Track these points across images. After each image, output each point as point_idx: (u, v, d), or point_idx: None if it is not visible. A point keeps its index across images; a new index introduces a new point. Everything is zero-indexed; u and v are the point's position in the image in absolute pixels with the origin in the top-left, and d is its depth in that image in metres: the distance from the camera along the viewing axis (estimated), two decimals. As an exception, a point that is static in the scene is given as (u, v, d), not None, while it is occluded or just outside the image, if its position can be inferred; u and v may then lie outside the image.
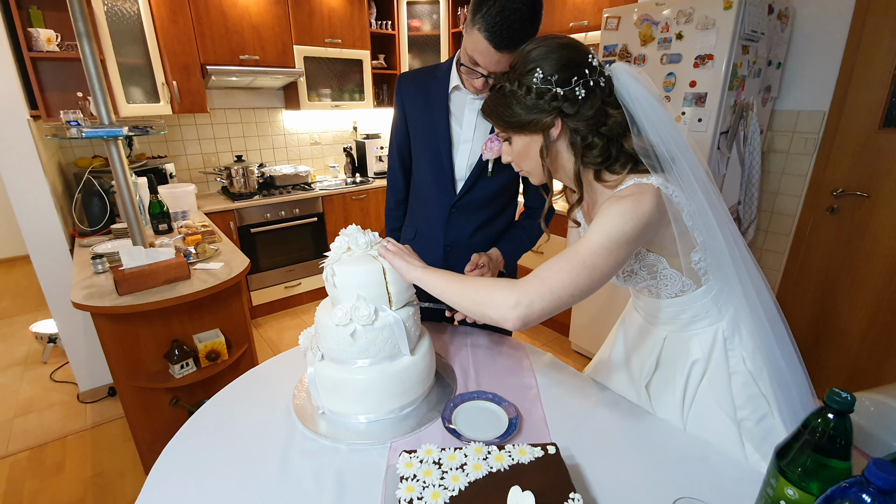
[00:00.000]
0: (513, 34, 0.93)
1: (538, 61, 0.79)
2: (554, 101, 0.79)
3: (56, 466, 2.04)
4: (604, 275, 0.76)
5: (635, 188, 0.79)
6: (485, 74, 1.04)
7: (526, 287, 0.76)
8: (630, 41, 2.17)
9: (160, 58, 2.72)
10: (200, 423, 1.01)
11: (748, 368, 0.91)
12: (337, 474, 0.85)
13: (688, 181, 0.79)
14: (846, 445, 0.58)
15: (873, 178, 2.08)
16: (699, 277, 0.89)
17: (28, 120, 2.13)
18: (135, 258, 1.66)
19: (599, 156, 0.82)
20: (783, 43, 2.16)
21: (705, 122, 1.99)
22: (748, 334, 0.91)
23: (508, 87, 0.82)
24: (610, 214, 0.76)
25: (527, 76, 0.80)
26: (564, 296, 0.75)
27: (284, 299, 3.47)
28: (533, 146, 0.85)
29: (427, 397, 1.06)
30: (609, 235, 0.75)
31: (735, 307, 0.91)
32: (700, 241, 0.84)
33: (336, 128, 3.96)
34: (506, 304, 0.76)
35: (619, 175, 0.82)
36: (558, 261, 0.77)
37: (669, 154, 0.79)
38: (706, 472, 0.84)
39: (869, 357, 2.20)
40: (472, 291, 0.82)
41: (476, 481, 0.72)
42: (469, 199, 1.29)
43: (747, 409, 0.91)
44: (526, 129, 0.83)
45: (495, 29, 0.93)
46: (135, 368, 1.75)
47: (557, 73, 0.78)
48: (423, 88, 1.26)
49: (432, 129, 1.26)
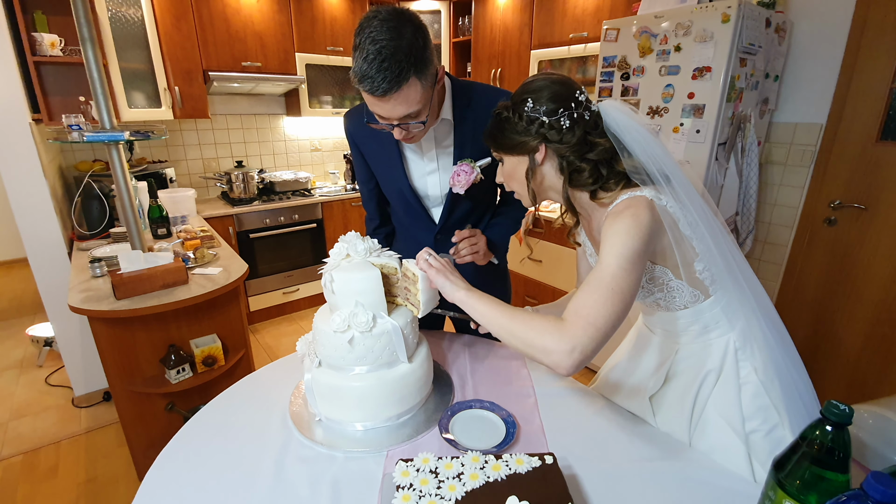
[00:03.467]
0: (385, 77, 0.88)
1: (532, 93, 0.88)
2: (540, 128, 0.87)
3: (49, 471, 2.02)
4: (631, 294, 0.78)
5: (628, 202, 0.83)
6: (395, 124, 0.99)
7: (574, 331, 0.76)
8: (629, 53, 2.19)
9: (163, 63, 2.74)
10: (196, 428, 1.00)
11: (759, 379, 0.92)
12: (333, 482, 0.84)
13: (684, 191, 0.85)
14: (844, 458, 0.58)
15: (871, 191, 2.09)
16: (706, 288, 0.92)
17: (30, 123, 2.13)
18: (133, 262, 1.66)
19: (590, 177, 0.89)
20: (780, 56, 2.19)
21: (703, 133, 2.00)
22: (758, 345, 0.92)
23: (505, 114, 0.91)
24: (615, 235, 0.80)
25: (520, 105, 0.88)
26: (608, 328, 0.76)
27: (282, 305, 3.46)
28: (520, 168, 0.93)
29: (424, 405, 1.06)
30: (623, 256, 0.78)
31: (745, 317, 0.92)
32: (700, 251, 0.87)
33: (336, 134, 3.98)
34: (560, 351, 0.76)
35: (612, 192, 0.88)
36: (589, 294, 0.78)
37: (660, 172, 0.85)
38: (706, 484, 0.83)
39: (867, 369, 2.20)
40: (520, 330, 0.81)
41: (473, 491, 0.72)
42: (450, 224, 1.27)
43: (757, 419, 0.92)
44: (514, 151, 0.91)
45: (365, 80, 0.89)
46: (130, 373, 1.74)
47: (545, 105, 0.86)
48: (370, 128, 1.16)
49: (389, 170, 1.22)
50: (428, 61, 0.94)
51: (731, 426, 0.93)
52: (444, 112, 1.12)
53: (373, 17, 0.90)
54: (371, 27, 0.89)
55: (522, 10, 3.04)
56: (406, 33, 0.89)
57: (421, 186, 1.24)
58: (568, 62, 2.84)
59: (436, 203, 1.27)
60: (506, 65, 3.27)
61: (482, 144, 1.14)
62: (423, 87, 0.95)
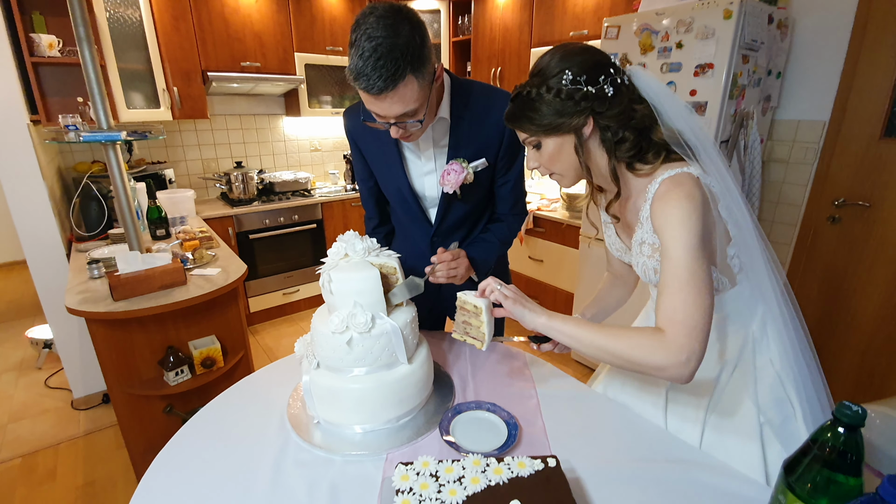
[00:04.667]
0: (381, 75, 0.86)
1: (565, 64, 0.80)
2: (584, 100, 0.80)
3: (48, 474, 2.00)
4: (711, 279, 0.75)
5: (674, 181, 0.79)
6: (392, 123, 0.97)
7: (680, 340, 0.73)
8: (630, 50, 2.17)
9: (161, 64, 2.73)
10: (193, 431, 0.99)
11: (776, 370, 0.91)
12: (331, 486, 0.82)
13: (717, 167, 0.81)
14: (857, 461, 0.56)
15: (875, 188, 2.07)
16: (734, 276, 0.90)
17: (28, 124, 2.12)
18: (131, 263, 1.64)
19: (631, 149, 0.84)
20: (783, 52, 2.17)
21: (705, 130, 1.98)
22: (775, 336, 0.91)
23: (536, 92, 0.82)
24: (674, 223, 0.76)
25: (554, 79, 0.81)
26: (707, 324, 0.74)
27: (282, 306, 3.45)
28: (566, 147, 0.85)
29: (424, 407, 1.04)
30: (691, 245, 0.74)
31: (764, 308, 0.91)
32: (734, 235, 0.85)
33: (336, 134, 3.96)
34: (675, 365, 0.73)
35: (652, 164, 0.83)
36: (676, 296, 0.74)
37: (696, 143, 0.81)
38: (714, 488, 0.81)
39: (873, 368, 2.18)
40: (623, 350, 0.77)
41: (474, 495, 0.70)
42: (446, 226, 1.26)
43: (772, 411, 0.91)
44: (559, 131, 0.83)
45: (361, 78, 0.87)
46: (129, 375, 1.73)
47: (586, 74, 0.80)
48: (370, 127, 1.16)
49: (388, 169, 1.21)
50: (425, 59, 0.91)
51: (745, 419, 0.91)
52: (442, 111, 1.10)
53: (369, 13, 0.88)
54: (367, 24, 0.86)
55: (522, 9, 3.02)
56: (403, 30, 0.87)
57: (419, 186, 1.23)
58: (568, 60, 2.83)
59: (433, 204, 1.25)
60: (506, 64, 3.25)
61: (478, 144, 1.12)
62: (421, 86, 0.93)
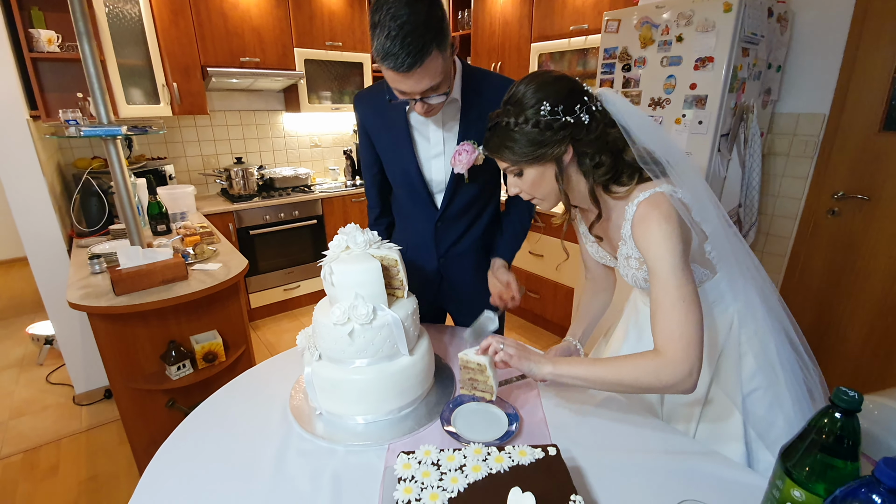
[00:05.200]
0: (409, 52, 0.88)
1: (542, 94, 0.82)
2: (563, 129, 0.82)
3: (50, 469, 2.01)
4: (697, 292, 0.80)
5: (650, 203, 0.82)
6: (417, 99, 0.99)
7: (680, 356, 0.77)
8: (630, 44, 2.17)
9: (161, 59, 2.72)
10: (196, 423, 0.99)
11: (760, 340, 0.98)
12: (334, 476, 0.83)
13: (686, 177, 0.86)
14: (854, 446, 0.56)
15: (874, 181, 2.07)
16: (714, 266, 0.96)
17: (27, 120, 2.12)
18: (132, 258, 1.65)
19: (608, 172, 0.87)
20: (783, 46, 2.17)
21: (706, 124, 1.99)
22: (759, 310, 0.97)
23: (514, 123, 0.83)
24: (656, 245, 0.80)
25: (531, 110, 0.82)
26: (701, 334, 0.78)
27: (283, 302, 3.46)
28: (546, 175, 0.87)
29: (426, 399, 1.05)
30: (675, 265, 0.79)
31: (744, 286, 0.97)
32: (709, 233, 0.90)
33: (336, 130, 3.96)
34: (680, 381, 0.77)
35: (627, 186, 0.87)
36: (670, 315, 0.78)
37: (665, 157, 0.85)
38: (710, 476, 0.82)
39: (871, 360, 2.19)
40: (630, 379, 0.80)
41: (476, 483, 0.71)
42: (452, 211, 1.26)
43: (757, 379, 0.98)
44: (540, 161, 0.85)
45: (389, 57, 0.89)
46: (131, 370, 1.73)
47: (562, 104, 0.82)
48: (380, 108, 1.19)
49: (396, 150, 1.22)
50: (447, 32, 0.95)
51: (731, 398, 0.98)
52: (454, 91, 1.12)
53: None
54: (389, 3, 0.88)
55: (522, 3, 3.01)
56: (424, 6, 0.89)
57: (426, 170, 1.23)
58: (568, 55, 2.82)
59: (439, 188, 1.25)
60: (506, 58, 3.25)
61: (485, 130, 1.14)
62: (444, 59, 0.96)
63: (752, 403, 0.98)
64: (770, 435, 0.97)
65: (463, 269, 1.34)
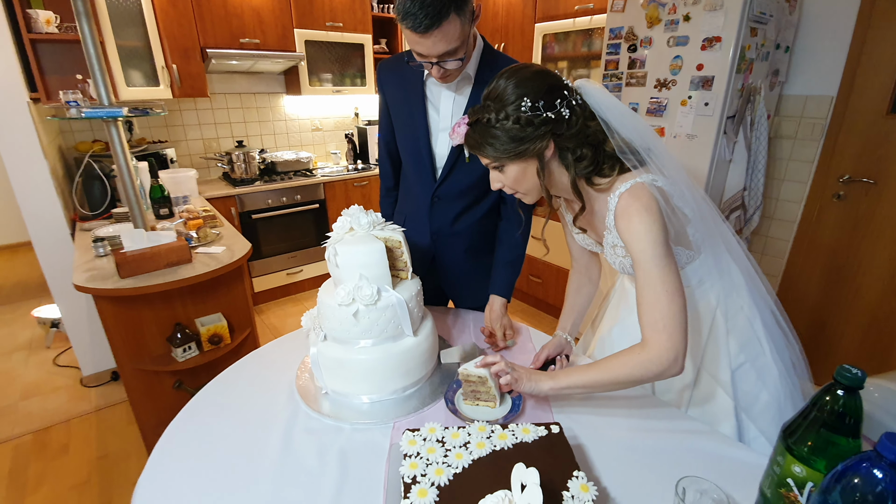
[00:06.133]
0: (427, 13, 0.91)
1: (522, 90, 0.81)
2: (544, 125, 0.82)
3: (61, 449, 2.05)
4: (679, 278, 0.82)
5: (631, 195, 0.83)
6: (434, 62, 1.02)
7: (665, 344, 0.80)
8: (636, 23, 2.13)
9: (160, 40, 2.68)
10: (203, 402, 1.01)
11: (746, 315, 1.02)
12: (340, 453, 0.85)
13: (666, 165, 0.87)
14: (856, 423, 0.57)
15: (881, 165, 2.05)
16: (698, 247, 0.99)
17: (28, 102, 2.11)
18: (136, 241, 1.65)
19: (590, 164, 0.87)
20: (791, 26, 2.12)
21: (712, 105, 1.96)
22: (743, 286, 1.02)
23: (495, 119, 0.83)
24: (638, 237, 0.82)
25: (512, 106, 0.82)
26: (683, 319, 0.81)
27: (287, 286, 3.47)
28: (529, 170, 0.88)
29: (430, 379, 1.06)
30: (658, 255, 0.80)
31: (727, 265, 1.01)
32: (691, 216, 0.93)
33: (337, 113, 3.92)
34: (668, 368, 0.80)
35: (608, 178, 0.88)
36: (654, 305, 0.81)
37: (644, 146, 0.87)
38: (708, 453, 0.84)
39: (874, 344, 2.20)
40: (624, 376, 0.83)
41: (480, 459, 0.72)
42: (448, 188, 1.27)
43: (745, 353, 1.02)
44: (522, 156, 0.85)
45: (408, 17, 0.92)
46: (137, 351, 1.75)
47: (543, 99, 0.81)
48: (400, 76, 1.23)
49: (410, 118, 1.24)
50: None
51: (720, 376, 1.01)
52: (469, 68, 1.13)
53: None
54: None
55: (526, -18, 2.95)
56: None
57: (433, 142, 1.25)
58: (573, 35, 2.77)
59: (441, 162, 1.27)
60: (509, 39, 3.19)
61: None
62: (463, 24, 0.96)
63: (738, 378, 1.01)
64: (755, 408, 1.01)
65: (454, 252, 1.36)
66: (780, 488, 0.62)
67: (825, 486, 0.51)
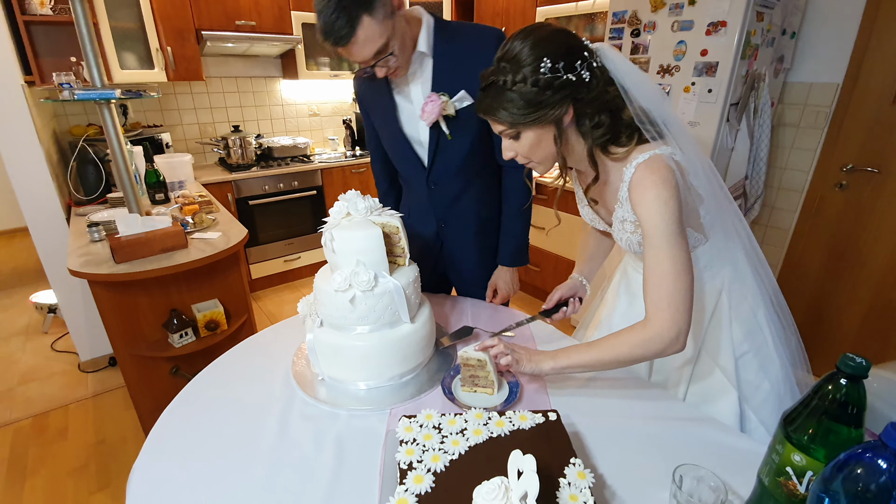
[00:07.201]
0: (340, 26, 0.94)
1: (541, 51, 0.76)
2: (564, 88, 0.77)
3: (59, 433, 2.06)
4: (689, 256, 0.80)
5: (648, 167, 0.80)
6: (372, 65, 1.04)
7: (667, 324, 0.78)
8: (640, 7, 2.09)
9: (154, 22, 2.63)
10: (200, 387, 1.00)
11: (750, 304, 0.99)
12: (337, 438, 0.84)
13: (681, 139, 0.83)
14: (859, 413, 0.56)
15: (885, 153, 2.03)
16: (706, 231, 0.96)
17: (22, 85, 2.07)
18: (131, 226, 1.63)
19: (607, 132, 0.83)
20: (798, 11, 2.09)
21: (715, 92, 1.93)
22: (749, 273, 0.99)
23: (511, 82, 0.77)
24: (653, 211, 0.78)
25: (530, 67, 0.76)
26: (688, 299, 0.79)
27: (284, 273, 3.46)
28: (545, 137, 0.82)
29: (427, 366, 1.05)
30: (670, 231, 0.77)
31: (734, 251, 0.98)
32: (704, 196, 0.89)
33: (335, 99, 3.87)
34: (670, 345, 0.79)
35: (625, 147, 0.84)
36: (661, 283, 0.79)
37: (662, 117, 0.83)
38: (705, 440, 0.83)
39: (872, 334, 2.20)
40: (626, 355, 0.82)
41: (476, 446, 0.72)
42: (440, 171, 1.25)
43: (748, 342, 0.99)
44: (540, 122, 0.80)
45: (326, 35, 0.96)
46: (134, 337, 1.75)
47: (563, 60, 0.76)
48: (370, 83, 1.24)
49: (386, 116, 1.25)
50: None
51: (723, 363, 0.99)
52: (421, 44, 1.11)
53: None
54: None
55: (528, -35, 2.89)
56: None
57: (412, 132, 1.24)
58: (575, 19, 2.73)
59: (425, 148, 1.25)
60: (510, 23, 3.14)
61: (465, 82, 1.13)
62: (379, 21, 0.97)
63: (741, 367, 1.00)
64: (756, 398, 0.99)
65: (462, 237, 1.35)
66: (779, 476, 0.61)
67: (826, 475, 0.51)
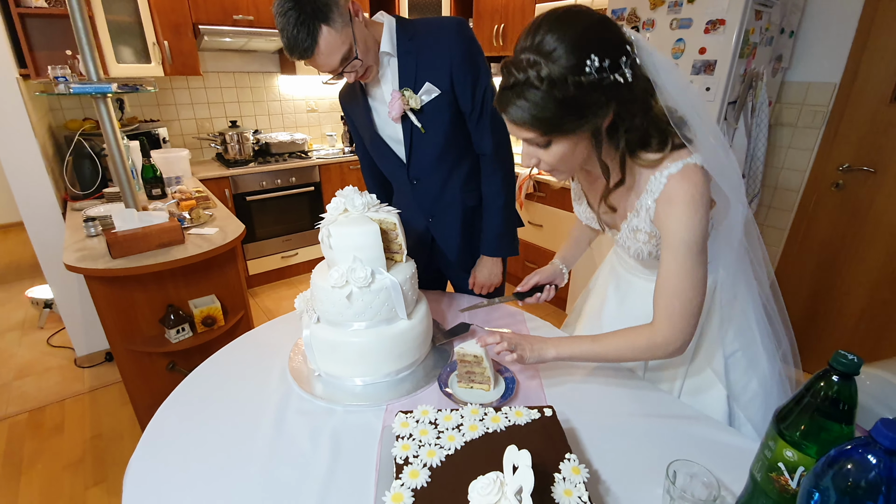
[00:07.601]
0: (301, 39, 0.98)
1: (586, 46, 0.64)
2: (609, 90, 0.66)
3: (55, 428, 2.05)
4: (705, 273, 0.79)
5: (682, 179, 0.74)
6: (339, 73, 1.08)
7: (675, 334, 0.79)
8: (639, 5, 2.08)
9: (151, 15, 2.61)
10: (197, 382, 1.00)
11: (741, 302, 0.98)
12: (333, 434, 0.84)
13: (716, 146, 0.77)
14: (850, 409, 0.57)
15: (881, 153, 2.04)
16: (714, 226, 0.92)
17: (17, 79, 2.06)
18: (127, 221, 1.63)
19: (640, 137, 0.76)
20: (797, 10, 2.09)
21: (713, 91, 1.93)
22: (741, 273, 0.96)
23: (547, 83, 0.64)
24: (679, 224, 0.75)
25: (571, 66, 0.64)
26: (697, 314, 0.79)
27: (281, 269, 3.46)
28: (581, 145, 0.73)
29: (424, 362, 1.06)
30: (693, 246, 0.76)
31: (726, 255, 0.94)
32: (718, 202, 0.86)
33: (333, 95, 3.86)
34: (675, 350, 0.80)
35: (658, 154, 0.76)
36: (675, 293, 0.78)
37: (696, 119, 0.77)
38: (698, 436, 0.84)
39: (866, 333, 2.21)
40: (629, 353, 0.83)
41: (472, 441, 0.72)
42: (418, 165, 1.27)
43: (739, 340, 0.99)
44: (581, 129, 0.70)
45: (291, 50, 1.00)
46: (130, 332, 1.74)
47: (609, 58, 0.65)
48: (348, 92, 1.30)
49: (364, 121, 1.27)
50: (327, 6, 0.98)
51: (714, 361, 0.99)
52: (384, 45, 1.14)
53: None
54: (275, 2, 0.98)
55: (527, -39, 2.88)
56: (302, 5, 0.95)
57: (391, 132, 1.26)
58: (574, 17, 2.72)
59: (401, 144, 1.27)
60: (509, 20, 3.13)
61: (430, 76, 1.15)
62: (338, 29, 1.00)
63: (730, 366, 1.00)
64: (744, 397, 0.99)
65: (451, 230, 1.36)
66: (771, 472, 0.62)
67: (817, 471, 0.51)
